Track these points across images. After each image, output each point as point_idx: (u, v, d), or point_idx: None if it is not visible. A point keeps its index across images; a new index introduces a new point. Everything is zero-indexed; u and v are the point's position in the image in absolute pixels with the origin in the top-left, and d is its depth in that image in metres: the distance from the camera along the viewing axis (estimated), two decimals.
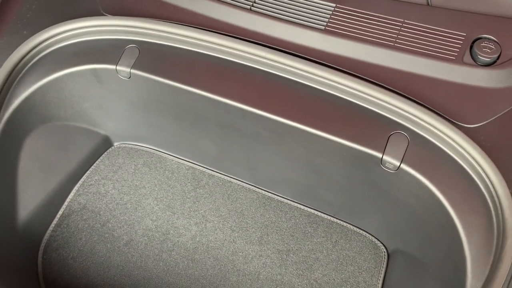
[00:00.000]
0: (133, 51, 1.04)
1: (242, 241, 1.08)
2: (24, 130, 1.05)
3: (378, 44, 0.95)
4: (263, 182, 1.15)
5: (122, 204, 1.15)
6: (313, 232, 1.09)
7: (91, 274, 1.06)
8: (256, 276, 1.04)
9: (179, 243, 1.09)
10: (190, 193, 1.16)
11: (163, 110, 1.10)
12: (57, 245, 1.10)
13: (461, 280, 0.78)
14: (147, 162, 1.22)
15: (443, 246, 0.86)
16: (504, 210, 0.76)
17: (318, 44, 0.98)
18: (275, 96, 0.96)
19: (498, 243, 0.76)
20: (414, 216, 0.93)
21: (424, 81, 0.93)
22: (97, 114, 1.18)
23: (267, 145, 1.02)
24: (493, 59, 0.91)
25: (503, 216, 0.76)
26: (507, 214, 0.76)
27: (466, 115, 0.88)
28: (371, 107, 0.91)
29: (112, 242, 1.10)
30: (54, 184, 1.13)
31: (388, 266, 1.05)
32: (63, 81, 1.06)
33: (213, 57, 1.00)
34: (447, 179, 0.84)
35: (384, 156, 0.87)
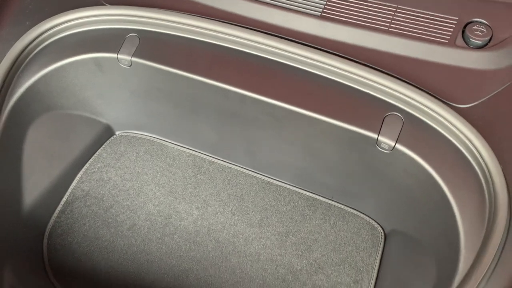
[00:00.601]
0: (133, 39, 1.05)
1: (243, 224, 1.10)
2: (28, 118, 1.07)
3: (372, 29, 0.97)
4: (263, 167, 1.17)
5: (124, 190, 1.17)
6: (312, 215, 1.11)
7: (96, 258, 1.08)
8: (256, 257, 1.06)
9: (181, 226, 1.11)
10: (191, 179, 1.18)
11: (163, 97, 1.12)
12: (62, 231, 1.12)
13: (455, 254, 0.80)
14: (148, 150, 1.24)
15: (437, 223, 0.89)
16: (495, 186, 0.78)
17: (314, 30, 1.00)
18: (273, 81, 0.98)
19: (490, 217, 0.78)
20: (410, 196, 0.95)
21: (418, 64, 0.95)
22: (99, 103, 1.20)
23: (266, 130, 1.04)
24: (485, 42, 0.94)
25: (494, 191, 0.78)
26: (498, 189, 0.78)
27: (458, 96, 0.90)
28: (366, 89, 0.93)
29: (115, 227, 1.12)
30: (58, 172, 1.15)
31: (385, 246, 1.07)
32: (65, 70, 1.08)
33: (212, 44, 1.02)
34: (441, 158, 0.86)
35: (380, 136, 0.90)
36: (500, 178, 0.78)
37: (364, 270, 1.03)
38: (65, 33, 1.07)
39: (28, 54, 1.05)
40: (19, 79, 1.03)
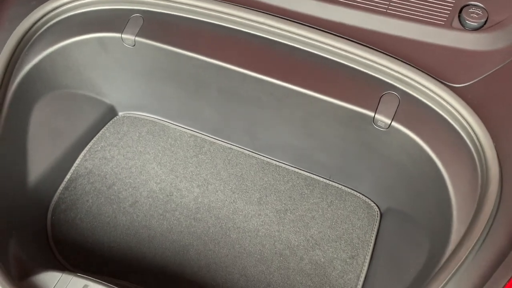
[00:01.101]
0: (137, 20, 1.07)
1: (242, 202, 1.13)
2: (33, 96, 1.09)
3: (371, 11, 0.99)
4: (263, 147, 1.19)
5: (127, 168, 1.19)
6: (310, 194, 1.13)
7: (98, 233, 1.10)
8: (255, 233, 1.08)
9: (182, 203, 1.13)
10: (192, 159, 1.20)
11: (166, 78, 1.14)
12: (65, 207, 1.14)
13: (447, 227, 0.82)
14: (150, 130, 1.26)
15: (431, 199, 0.91)
16: (488, 161, 0.80)
17: (314, 11, 1.01)
18: (273, 61, 0.99)
19: (482, 191, 0.80)
20: (405, 173, 0.97)
21: (415, 45, 0.97)
22: (103, 84, 1.22)
23: (267, 109, 1.06)
24: (480, 24, 0.95)
25: (487, 166, 0.80)
26: (490, 164, 0.80)
27: (454, 76, 0.92)
28: (364, 69, 0.95)
29: (117, 203, 1.14)
30: (62, 150, 1.17)
31: (381, 223, 1.09)
32: (70, 49, 1.09)
33: (214, 24, 1.03)
34: (436, 135, 0.88)
35: (376, 114, 0.91)
36: (492, 153, 0.80)
37: (360, 247, 1.05)
38: (70, 13, 1.09)
39: (34, 33, 1.07)
40: (25, 57, 1.05)
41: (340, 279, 1.01)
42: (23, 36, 1.04)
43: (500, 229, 0.76)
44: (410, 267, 0.89)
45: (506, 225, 0.76)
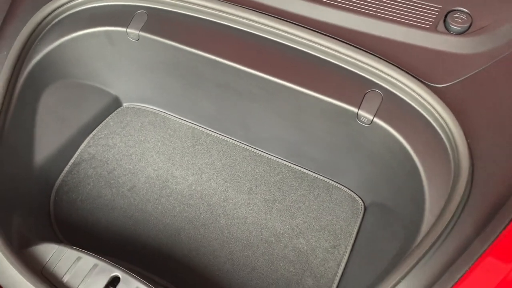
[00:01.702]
0: (142, 16, 1.13)
1: (233, 191, 1.18)
2: (43, 83, 1.15)
3: (361, 13, 1.03)
4: (256, 140, 1.24)
5: (127, 155, 1.25)
6: (298, 186, 1.18)
7: (97, 214, 1.16)
8: (243, 220, 1.13)
9: (177, 190, 1.18)
10: (189, 149, 1.26)
11: (167, 71, 1.19)
12: (68, 189, 1.20)
13: (420, 218, 0.86)
14: (152, 121, 1.32)
15: (408, 192, 0.94)
16: (460, 156, 0.84)
17: (306, 12, 1.06)
18: (266, 58, 1.04)
19: (453, 184, 0.83)
20: (386, 168, 1.01)
21: (401, 47, 1.01)
22: (109, 75, 1.28)
23: (259, 103, 1.11)
24: (464, 29, 0.99)
25: (459, 161, 0.84)
26: (462, 159, 0.83)
27: (435, 76, 0.96)
28: (351, 67, 0.99)
29: (117, 187, 1.20)
30: (67, 135, 1.23)
31: (364, 216, 1.13)
32: (78, 41, 1.16)
33: (213, 22, 1.09)
34: (414, 131, 0.92)
35: (360, 110, 0.96)
36: (464, 150, 0.84)
37: (342, 237, 1.09)
38: (80, 7, 1.15)
39: (46, 25, 1.14)
40: (37, 47, 1.12)
41: (321, 266, 1.05)
42: (36, 27, 1.11)
43: (468, 220, 0.79)
44: (384, 256, 0.93)
45: (474, 217, 0.79)
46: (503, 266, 0.71)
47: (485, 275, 0.71)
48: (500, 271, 0.71)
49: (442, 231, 0.77)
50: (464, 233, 0.78)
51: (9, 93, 1.04)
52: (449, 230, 0.78)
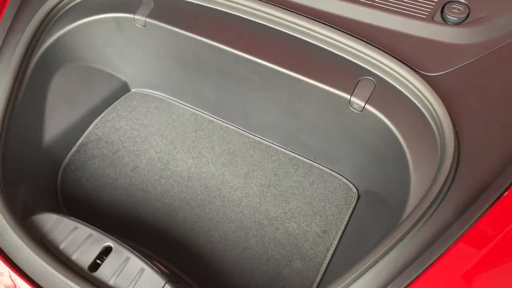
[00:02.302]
0: (149, 3, 1.17)
1: (230, 175, 1.20)
2: (54, 65, 1.21)
3: (357, 2, 1.04)
4: (255, 128, 1.27)
5: (132, 138, 1.30)
6: (294, 173, 1.19)
7: (100, 192, 1.21)
8: (238, 203, 1.15)
9: (176, 172, 1.22)
10: (191, 134, 1.29)
11: (172, 57, 1.23)
12: (75, 167, 1.25)
13: (404, 204, 0.86)
14: (157, 106, 1.36)
15: (397, 179, 0.95)
16: (446, 143, 0.84)
17: (304, 1, 1.08)
18: (263, 44, 1.06)
19: (437, 171, 0.84)
20: (378, 155, 1.02)
21: (396, 36, 1.01)
22: (119, 61, 1.33)
23: (257, 90, 1.13)
24: (461, 19, 0.99)
25: (445, 148, 0.84)
26: (447, 146, 0.84)
27: (428, 65, 0.96)
28: (345, 55, 1.00)
29: (120, 167, 1.24)
30: (76, 116, 1.28)
31: (357, 204, 1.14)
32: (90, 26, 1.21)
33: (214, 9, 1.11)
34: (404, 118, 0.93)
35: (352, 97, 0.97)
36: (450, 136, 0.84)
37: (333, 223, 1.10)
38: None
39: (59, 11, 1.19)
40: (50, 30, 1.17)
41: (311, 250, 1.07)
42: (49, 12, 1.16)
43: (449, 206, 0.79)
44: (370, 242, 0.94)
45: (456, 202, 0.79)
46: (476, 252, 0.72)
47: (457, 260, 0.72)
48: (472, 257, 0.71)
49: (420, 216, 0.77)
50: (444, 218, 0.78)
51: (21, 73, 1.10)
52: (430, 215, 0.79)
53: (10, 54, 1.09)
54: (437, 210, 0.79)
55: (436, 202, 0.79)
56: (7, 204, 0.92)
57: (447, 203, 0.80)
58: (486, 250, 0.71)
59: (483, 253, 0.71)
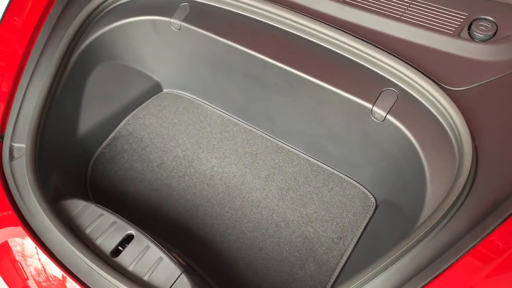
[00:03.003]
0: (185, 8, 1.22)
1: (251, 176, 1.23)
2: (93, 62, 1.27)
3: (387, 16, 1.06)
4: (278, 132, 1.30)
5: (160, 135, 1.35)
6: (314, 178, 1.21)
7: (127, 185, 1.26)
8: (257, 204, 1.18)
9: (200, 170, 1.26)
10: (216, 135, 1.34)
11: (203, 61, 1.28)
12: (105, 160, 1.31)
13: (419, 212, 0.87)
14: (187, 107, 1.41)
15: (414, 189, 0.95)
16: (464, 157, 0.85)
17: (335, 12, 1.10)
18: (292, 52, 1.09)
19: (453, 184, 0.84)
20: (397, 165, 1.03)
21: (422, 50, 1.02)
22: (153, 61, 1.39)
23: (283, 95, 1.16)
24: (488, 37, 0.99)
25: (462, 161, 0.85)
26: (465, 159, 0.84)
27: (452, 80, 0.97)
28: (370, 66, 1.02)
29: (147, 162, 1.30)
30: (110, 112, 1.35)
31: (374, 213, 1.14)
32: (128, 27, 1.27)
33: (247, 17, 1.16)
34: (424, 130, 0.93)
35: (374, 107, 0.99)
36: (468, 150, 0.84)
37: (349, 230, 1.11)
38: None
39: (101, 11, 1.25)
40: (91, 29, 1.24)
41: (325, 255, 1.08)
42: (92, 12, 1.23)
43: (463, 218, 0.80)
44: (383, 250, 0.95)
45: (469, 216, 0.80)
46: (486, 264, 0.72)
47: (468, 270, 0.72)
48: (482, 269, 0.71)
49: (434, 225, 0.78)
50: (457, 228, 0.79)
51: (63, 66, 1.16)
52: (443, 225, 0.79)
53: (53, 49, 1.16)
54: (451, 220, 0.80)
55: (451, 212, 0.80)
56: (41, 188, 0.97)
57: (462, 214, 0.80)
58: (497, 263, 0.71)
59: (494, 266, 0.71)
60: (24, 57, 1.16)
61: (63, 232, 0.90)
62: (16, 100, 1.10)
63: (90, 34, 1.24)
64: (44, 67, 1.13)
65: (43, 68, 1.14)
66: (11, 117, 1.08)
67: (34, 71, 1.13)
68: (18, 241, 0.95)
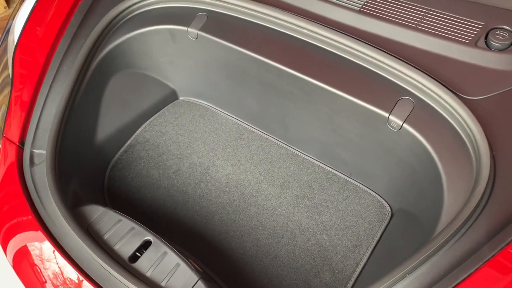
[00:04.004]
0: (202, 17, 1.24)
1: (266, 184, 1.24)
2: (112, 70, 1.29)
3: (403, 25, 1.07)
4: (293, 140, 1.30)
5: (177, 142, 1.36)
6: (329, 187, 1.21)
7: (143, 191, 1.27)
8: (272, 211, 1.18)
9: (216, 177, 1.27)
10: (232, 142, 1.34)
11: (219, 69, 1.29)
12: (122, 166, 1.33)
13: (436, 221, 0.87)
14: (202, 114, 1.43)
15: (431, 198, 0.95)
16: (482, 166, 0.85)
17: (351, 22, 1.11)
18: (307, 60, 1.10)
19: (471, 193, 0.84)
20: (413, 174, 1.03)
21: (438, 59, 1.03)
22: (169, 70, 1.41)
23: (298, 103, 1.17)
24: (505, 46, 0.99)
25: (480, 171, 0.84)
26: (483, 169, 0.84)
27: (469, 89, 0.97)
28: (387, 75, 1.02)
29: (164, 169, 1.31)
30: (127, 119, 1.37)
31: (390, 222, 1.14)
32: (146, 36, 1.29)
33: (263, 26, 1.17)
34: (441, 139, 0.93)
35: (390, 116, 0.99)
36: (486, 160, 0.84)
37: (365, 239, 1.11)
38: (149, 7, 1.28)
39: (119, 21, 1.28)
40: (110, 38, 1.26)
41: (340, 263, 1.08)
42: (110, 22, 1.25)
43: (481, 228, 0.79)
44: (401, 258, 0.94)
45: (487, 226, 0.79)
46: (504, 276, 0.71)
47: (485, 281, 0.72)
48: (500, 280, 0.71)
49: (452, 234, 0.78)
50: (475, 239, 0.78)
51: (82, 74, 1.19)
52: (461, 235, 0.79)
53: (73, 57, 1.19)
54: (469, 230, 0.79)
55: (469, 222, 0.79)
56: (60, 194, 0.99)
57: (480, 223, 0.80)
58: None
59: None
60: (45, 65, 1.18)
61: (82, 237, 0.91)
62: (37, 107, 1.13)
63: (109, 43, 1.26)
64: (64, 75, 1.16)
65: (63, 76, 1.16)
66: (32, 123, 1.11)
67: (54, 78, 1.16)
68: (37, 245, 0.97)
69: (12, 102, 1.15)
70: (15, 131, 1.11)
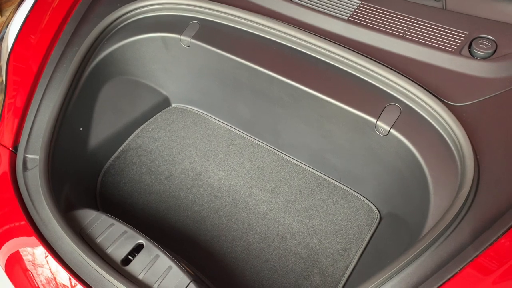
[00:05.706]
0: (195, 25, 1.26)
1: (257, 189, 1.25)
2: (105, 76, 1.31)
3: (389, 34, 1.10)
4: (284, 146, 1.32)
5: (169, 148, 1.38)
6: (319, 191, 1.23)
7: (136, 197, 1.28)
8: (263, 216, 1.20)
9: (207, 182, 1.28)
10: (224, 148, 1.36)
11: (211, 77, 1.31)
12: (114, 172, 1.34)
13: (423, 223, 0.89)
14: (194, 121, 1.44)
15: (418, 202, 0.97)
16: (466, 169, 0.87)
17: (340, 30, 1.14)
18: (297, 68, 1.13)
19: (456, 196, 0.86)
20: (401, 178, 1.05)
21: (424, 66, 1.06)
22: (162, 77, 1.42)
23: (288, 109, 1.19)
24: (488, 54, 1.02)
25: (465, 174, 0.87)
26: (467, 172, 0.86)
27: (453, 96, 1.00)
28: (374, 82, 1.05)
29: (156, 174, 1.32)
30: (120, 125, 1.37)
31: (378, 226, 1.16)
32: (139, 43, 1.31)
33: (254, 34, 1.19)
34: (427, 144, 0.96)
35: (378, 121, 1.01)
36: (471, 163, 0.86)
37: (354, 242, 1.13)
38: (143, 15, 1.30)
39: (113, 28, 1.29)
40: (104, 46, 1.28)
41: (330, 266, 1.09)
42: (104, 30, 1.27)
43: (465, 229, 0.81)
44: (388, 261, 0.96)
45: (471, 228, 0.81)
46: (489, 274, 0.73)
47: (470, 280, 0.74)
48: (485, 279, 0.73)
49: (437, 236, 0.80)
50: (460, 239, 0.80)
51: (75, 81, 1.20)
52: (446, 236, 0.81)
53: (67, 64, 1.20)
54: (454, 231, 0.81)
55: (454, 224, 0.82)
56: (53, 198, 0.99)
57: (465, 225, 0.82)
58: (498, 274, 0.73)
59: (495, 277, 0.73)
60: (38, 72, 1.19)
61: (74, 241, 0.92)
62: (30, 113, 1.13)
63: (102, 50, 1.27)
64: (58, 81, 1.17)
65: (56, 82, 1.17)
66: (25, 129, 1.11)
67: (48, 85, 1.16)
68: (30, 251, 0.97)
69: (5, 108, 1.16)
70: (8, 136, 1.11)
